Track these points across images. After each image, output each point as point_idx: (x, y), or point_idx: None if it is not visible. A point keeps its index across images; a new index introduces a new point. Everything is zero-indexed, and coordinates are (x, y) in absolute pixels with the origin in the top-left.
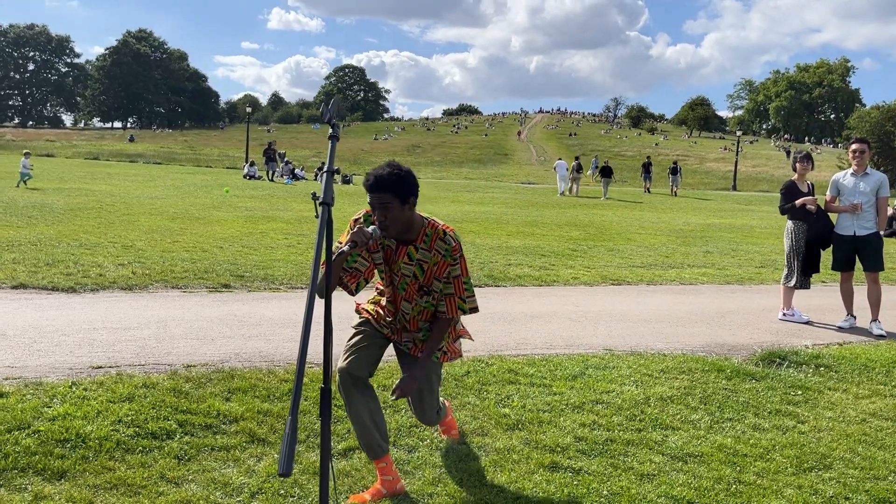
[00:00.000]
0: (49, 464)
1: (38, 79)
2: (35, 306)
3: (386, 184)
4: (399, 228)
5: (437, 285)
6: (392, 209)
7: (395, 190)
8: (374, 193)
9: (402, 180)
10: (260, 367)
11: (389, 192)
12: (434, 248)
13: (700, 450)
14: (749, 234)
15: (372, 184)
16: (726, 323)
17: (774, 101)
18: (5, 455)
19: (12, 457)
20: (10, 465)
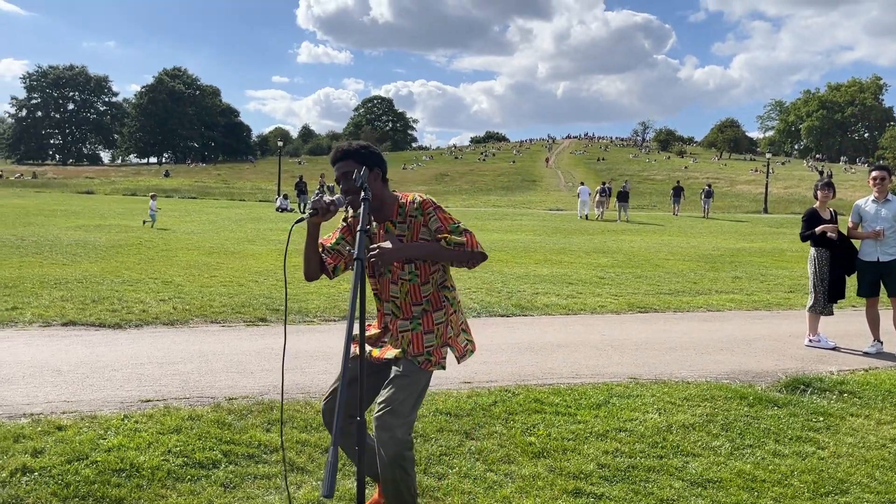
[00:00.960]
0: (107, 492)
1: (78, 118)
2: (85, 343)
3: (350, 152)
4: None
5: None
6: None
7: (358, 158)
8: (340, 162)
9: (366, 149)
10: (297, 398)
11: (352, 159)
12: (408, 216)
13: (719, 476)
14: (779, 257)
15: (336, 155)
16: (752, 350)
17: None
18: (67, 484)
19: (73, 486)
20: (71, 493)
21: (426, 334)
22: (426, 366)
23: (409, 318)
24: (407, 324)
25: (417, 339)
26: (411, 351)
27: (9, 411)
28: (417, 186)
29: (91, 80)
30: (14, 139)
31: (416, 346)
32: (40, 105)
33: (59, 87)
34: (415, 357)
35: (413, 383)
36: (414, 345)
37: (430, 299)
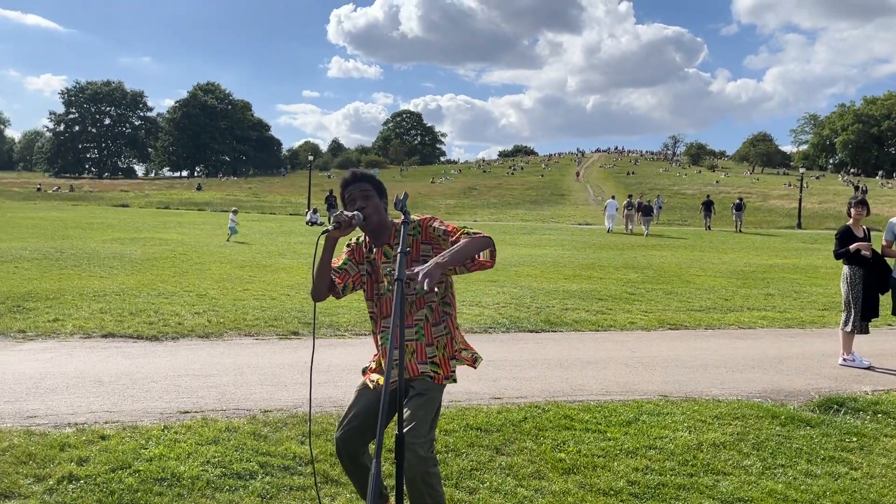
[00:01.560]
0: (150, 500)
1: (114, 132)
2: (124, 354)
3: (365, 176)
4: (377, 221)
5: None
6: (372, 198)
7: (372, 182)
8: (355, 184)
9: (374, 177)
10: (330, 412)
11: (368, 182)
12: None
13: (750, 495)
14: (813, 274)
15: (350, 178)
16: (784, 368)
17: (841, 134)
18: (111, 492)
19: (117, 494)
20: (115, 501)
21: (427, 346)
22: (437, 379)
23: (410, 325)
24: (411, 331)
25: (420, 350)
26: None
27: (54, 421)
28: (445, 200)
29: (127, 95)
30: (52, 153)
31: (420, 355)
32: (78, 120)
33: (96, 103)
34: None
35: (429, 401)
36: (417, 354)
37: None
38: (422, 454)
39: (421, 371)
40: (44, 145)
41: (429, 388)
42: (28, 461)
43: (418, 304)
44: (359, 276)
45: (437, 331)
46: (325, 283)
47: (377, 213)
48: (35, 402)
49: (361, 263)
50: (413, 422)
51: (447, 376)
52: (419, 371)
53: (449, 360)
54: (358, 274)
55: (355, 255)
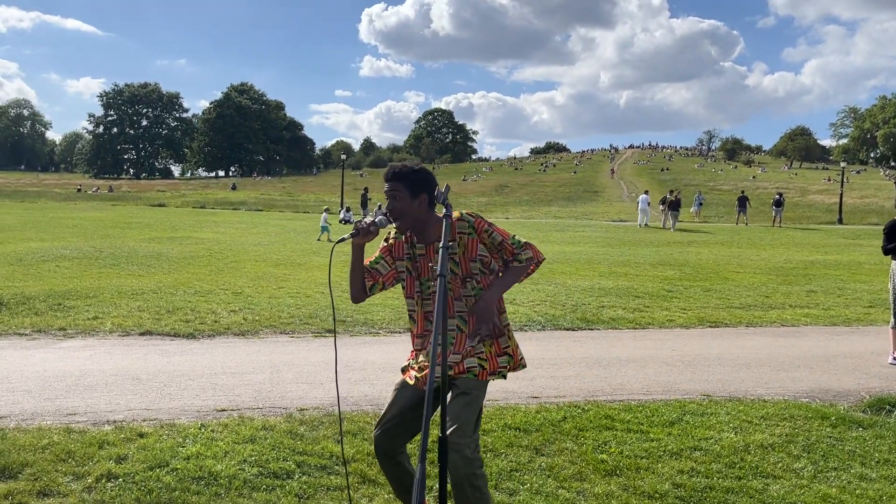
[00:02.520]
0: (188, 499)
1: (151, 133)
2: (161, 352)
3: (398, 175)
4: (410, 222)
5: (477, 266)
6: (400, 199)
7: (406, 181)
8: (389, 182)
9: (414, 173)
10: (367, 410)
11: (400, 182)
12: (457, 234)
13: (803, 500)
14: (857, 271)
15: (387, 173)
16: (831, 367)
17: (882, 128)
18: (149, 490)
19: (155, 492)
20: (153, 499)
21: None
22: (482, 375)
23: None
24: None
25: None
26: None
27: (93, 418)
28: (478, 198)
29: (163, 97)
30: (92, 154)
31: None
32: (116, 122)
33: (133, 104)
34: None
35: (473, 400)
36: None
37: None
38: (468, 455)
39: (467, 367)
40: (83, 147)
41: (472, 387)
42: (67, 459)
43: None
44: (392, 275)
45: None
46: (359, 288)
47: (408, 214)
48: (75, 400)
49: (400, 259)
50: (457, 422)
51: (493, 372)
52: (465, 367)
53: (496, 356)
54: (392, 272)
55: (393, 251)
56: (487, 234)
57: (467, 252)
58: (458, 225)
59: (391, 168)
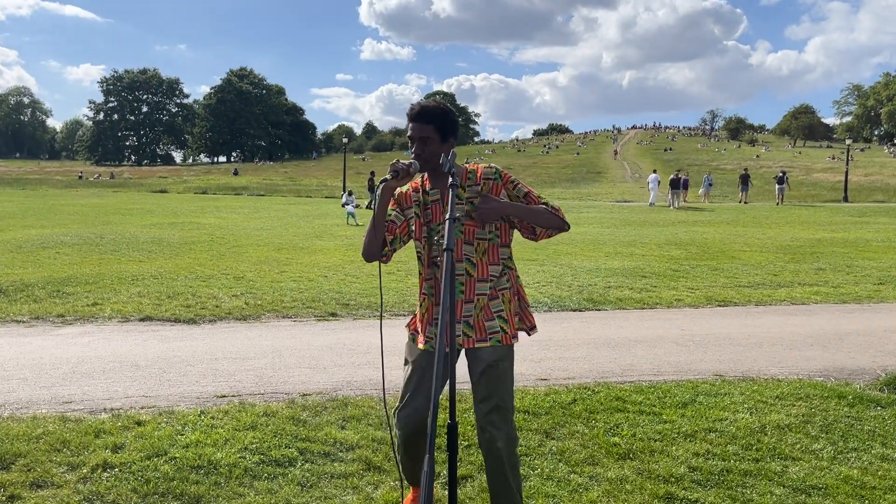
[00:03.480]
0: (186, 489)
1: (151, 119)
2: (161, 338)
3: (430, 115)
4: (436, 165)
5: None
6: (431, 143)
7: (438, 123)
8: (417, 123)
9: (446, 115)
10: (371, 395)
11: (432, 124)
12: (482, 180)
13: (824, 482)
14: (865, 248)
15: (417, 112)
16: (844, 345)
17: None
18: (147, 480)
19: (153, 482)
20: (151, 489)
21: (492, 300)
22: (506, 339)
23: (486, 278)
24: (486, 286)
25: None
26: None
27: (90, 406)
28: None
29: (163, 82)
30: (93, 141)
31: (487, 312)
32: (116, 108)
33: (133, 91)
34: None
35: (505, 372)
36: (485, 311)
37: (505, 264)
38: (513, 435)
39: (489, 332)
40: (84, 134)
41: (501, 357)
42: (62, 448)
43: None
44: (405, 226)
45: (501, 283)
46: (378, 239)
47: (434, 159)
48: (71, 388)
49: (409, 207)
50: (494, 402)
51: (515, 334)
52: (487, 333)
53: (514, 315)
54: (405, 222)
55: (401, 202)
56: (513, 184)
57: (493, 194)
58: (484, 171)
59: (421, 107)
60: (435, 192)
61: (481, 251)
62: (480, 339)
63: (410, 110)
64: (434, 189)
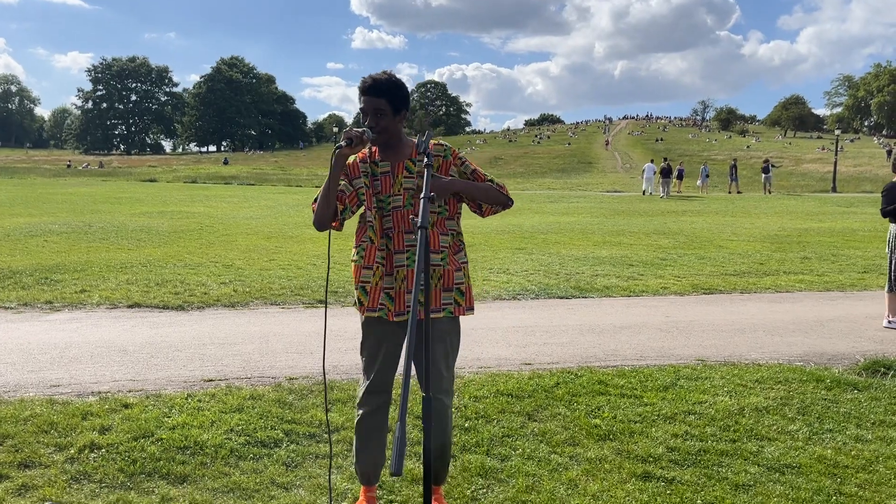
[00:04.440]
0: (172, 469)
1: (140, 108)
2: (149, 324)
3: (382, 88)
4: (387, 138)
5: None
6: (384, 116)
7: (390, 97)
8: (369, 97)
9: (398, 88)
10: (356, 379)
11: (384, 97)
12: (433, 156)
13: (798, 461)
14: (851, 237)
15: (369, 86)
16: (826, 331)
17: (876, 96)
18: (133, 461)
19: (140, 462)
20: (137, 469)
21: (456, 272)
22: (459, 311)
23: (436, 250)
24: (437, 257)
25: (448, 276)
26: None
27: (77, 389)
28: None
29: (152, 71)
30: (81, 130)
31: (447, 281)
32: (105, 97)
33: (122, 79)
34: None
35: (452, 347)
36: (445, 280)
37: (453, 236)
38: (449, 403)
39: (443, 303)
40: (73, 123)
41: (448, 331)
42: (49, 430)
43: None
44: (353, 196)
45: (460, 258)
46: (331, 207)
47: (386, 133)
48: (59, 372)
49: (357, 178)
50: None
51: (469, 307)
52: (441, 303)
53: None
54: (353, 192)
55: (349, 172)
56: (461, 161)
57: (440, 170)
58: (434, 148)
59: (373, 80)
60: (385, 164)
61: (431, 223)
62: (434, 309)
63: (362, 84)
64: (384, 161)
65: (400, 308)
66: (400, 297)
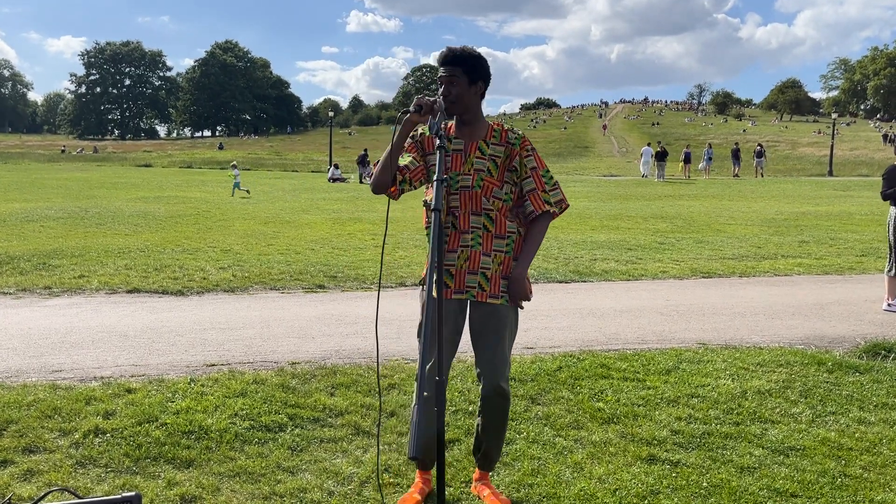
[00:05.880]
0: (178, 453)
1: (135, 93)
2: (149, 309)
3: (458, 59)
4: (462, 110)
5: (511, 177)
6: (458, 85)
7: (465, 66)
8: (446, 66)
9: (474, 59)
10: (359, 363)
11: (460, 66)
12: (505, 141)
13: (802, 443)
14: (848, 221)
15: (445, 55)
16: (826, 315)
17: (873, 79)
18: (139, 445)
19: (145, 447)
20: (143, 454)
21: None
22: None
23: (503, 235)
24: (502, 243)
25: (475, 258)
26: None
27: (80, 375)
28: None
29: (146, 55)
30: (75, 115)
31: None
32: (99, 81)
33: (115, 63)
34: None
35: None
36: (505, 266)
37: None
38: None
39: (501, 291)
40: (66, 107)
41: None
42: (53, 415)
43: (475, 210)
44: (421, 170)
45: (499, 245)
46: (389, 174)
47: (460, 102)
48: (60, 357)
49: (431, 154)
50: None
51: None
52: (499, 291)
53: (501, 277)
54: (421, 167)
55: (424, 146)
56: (528, 152)
57: (509, 161)
58: (508, 135)
59: (450, 50)
60: (458, 143)
61: (497, 208)
62: (493, 294)
63: (440, 55)
64: (458, 139)
65: (459, 286)
66: (461, 275)
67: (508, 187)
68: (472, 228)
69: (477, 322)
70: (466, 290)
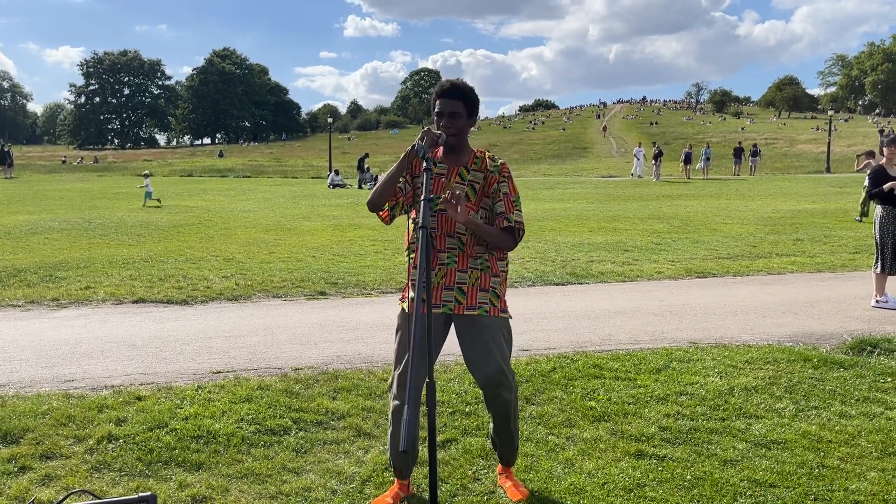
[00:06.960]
0: (187, 457)
1: (134, 102)
2: (155, 319)
3: (460, 92)
4: (459, 142)
5: (486, 202)
6: (459, 119)
7: (466, 101)
8: (447, 99)
9: (473, 93)
10: (360, 367)
11: (461, 100)
12: (485, 169)
13: (784, 437)
14: (843, 218)
15: (447, 89)
16: (815, 312)
17: (870, 75)
18: (150, 450)
19: (156, 451)
20: (154, 458)
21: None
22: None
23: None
24: (476, 262)
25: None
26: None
27: (91, 384)
28: None
29: (144, 64)
30: (75, 125)
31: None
32: (98, 91)
33: (114, 73)
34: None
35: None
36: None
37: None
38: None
39: (444, 300)
40: (66, 118)
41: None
42: (68, 423)
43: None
44: (410, 195)
45: (473, 262)
46: (386, 195)
47: (461, 135)
48: (71, 367)
49: (417, 176)
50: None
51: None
52: (476, 303)
53: (478, 290)
54: (411, 191)
55: (413, 169)
56: (504, 179)
57: (486, 187)
58: (487, 163)
59: (451, 84)
60: (442, 167)
61: (469, 233)
62: (470, 306)
63: (440, 87)
64: (443, 164)
65: (437, 301)
66: (438, 291)
67: (484, 212)
68: (448, 249)
69: (461, 332)
70: (443, 305)
